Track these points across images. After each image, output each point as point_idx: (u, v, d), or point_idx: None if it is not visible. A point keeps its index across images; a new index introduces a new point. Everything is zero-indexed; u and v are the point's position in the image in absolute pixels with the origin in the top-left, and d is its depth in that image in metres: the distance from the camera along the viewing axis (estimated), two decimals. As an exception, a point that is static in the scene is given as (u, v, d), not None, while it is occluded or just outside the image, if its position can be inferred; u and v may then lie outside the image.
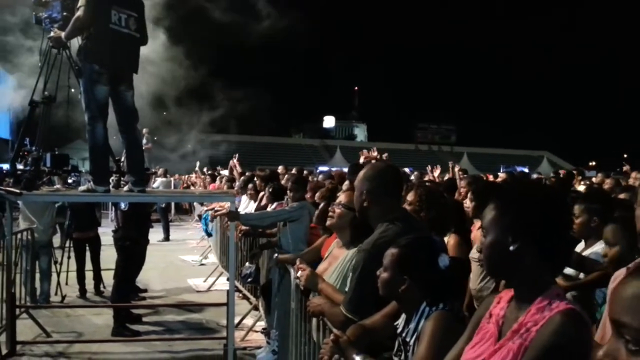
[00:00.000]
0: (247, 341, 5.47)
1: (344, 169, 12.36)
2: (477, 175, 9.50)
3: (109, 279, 6.97)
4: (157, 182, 13.20)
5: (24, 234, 6.23)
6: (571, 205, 3.13)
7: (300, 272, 2.83)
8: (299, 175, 7.39)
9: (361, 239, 2.70)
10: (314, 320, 2.68)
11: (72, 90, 5.36)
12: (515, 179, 8.24)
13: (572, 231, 1.55)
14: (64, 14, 4.90)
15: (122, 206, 6.19)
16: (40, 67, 5.23)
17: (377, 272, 1.98)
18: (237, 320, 5.41)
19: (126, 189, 4.62)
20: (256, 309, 6.05)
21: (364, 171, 2.45)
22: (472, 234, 3.93)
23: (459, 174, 7.85)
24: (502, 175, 9.93)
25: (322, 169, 25.11)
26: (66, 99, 5.53)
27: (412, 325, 1.89)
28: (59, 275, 6.93)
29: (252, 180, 7.78)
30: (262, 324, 5.69)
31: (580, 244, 3.15)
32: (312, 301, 2.60)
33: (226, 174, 11.75)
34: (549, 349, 1.25)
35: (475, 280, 3.59)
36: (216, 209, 7.69)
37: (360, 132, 71.43)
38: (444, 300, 1.87)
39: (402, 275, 1.90)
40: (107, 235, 7.11)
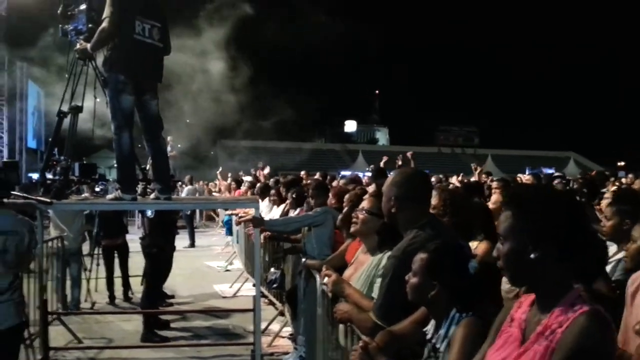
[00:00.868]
0: (274, 347, 5.48)
1: (366, 174, 12.36)
2: (507, 177, 9.32)
3: (136, 285, 7.09)
4: (184, 190, 13.37)
5: (54, 242, 6.36)
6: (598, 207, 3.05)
7: (326, 277, 2.82)
8: (320, 180, 7.41)
9: (387, 245, 2.68)
10: (341, 326, 2.67)
11: (97, 100, 5.46)
12: (523, 184, 8.09)
13: (598, 234, 1.54)
14: (89, 25, 4.99)
15: (149, 213, 6.28)
16: (67, 78, 5.34)
17: (406, 277, 1.96)
18: (263, 325, 5.42)
19: (153, 196, 4.69)
20: (282, 314, 6.06)
21: (392, 177, 2.43)
22: None
23: (484, 176, 7.76)
24: (528, 177, 9.74)
25: (345, 173, 25.09)
26: (92, 109, 5.64)
27: (442, 331, 1.86)
28: (88, 282, 7.07)
29: (269, 186, 7.87)
30: (288, 330, 5.69)
31: (612, 248, 3.07)
32: (339, 307, 2.59)
33: (249, 179, 11.84)
34: (577, 351, 1.27)
35: (506, 283, 3.52)
36: (240, 215, 7.75)
37: (382, 136, 71.12)
38: (474, 305, 1.84)
39: (432, 280, 1.88)
40: (134, 242, 7.23)
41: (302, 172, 11.21)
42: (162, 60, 4.63)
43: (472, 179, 8.21)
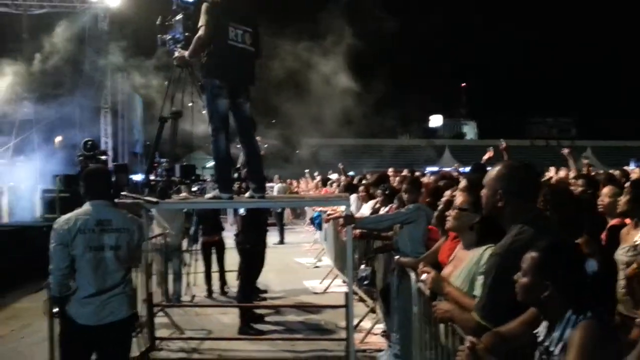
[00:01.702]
0: (366, 343, 5.49)
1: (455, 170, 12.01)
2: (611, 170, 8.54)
3: (231, 280, 7.39)
4: (275, 188, 13.74)
5: (157, 239, 6.78)
6: None
7: (424, 275, 2.77)
8: (414, 177, 7.29)
9: (486, 240, 2.59)
10: (442, 325, 2.61)
11: (191, 104, 5.73)
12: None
13: None
14: (186, 34, 5.26)
15: (241, 211, 6.52)
16: (167, 85, 5.66)
17: (515, 277, 1.88)
18: (355, 322, 5.45)
19: (247, 195, 4.85)
20: (373, 311, 6.06)
21: (498, 169, 2.32)
22: (624, 231, 3.53)
23: (590, 169, 7.22)
24: (637, 170, 8.95)
25: (431, 169, 24.52)
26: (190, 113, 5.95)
27: (556, 333, 1.76)
28: (188, 276, 7.47)
29: (353, 184, 7.84)
30: (380, 327, 5.68)
31: None
32: (440, 306, 2.53)
33: (335, 177, 11.94)
34: None
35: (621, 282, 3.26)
36: (329, 213, 7.83)
37: (469, 130, 68.74)
38: (591, 307, 1.73)
39: (544, 280, 1.78)
40: (228, 239, 7.54)
41: (390, 169, 11.11)
42: (254, 64, 4.77)
43: (570, 173, 7.67)
